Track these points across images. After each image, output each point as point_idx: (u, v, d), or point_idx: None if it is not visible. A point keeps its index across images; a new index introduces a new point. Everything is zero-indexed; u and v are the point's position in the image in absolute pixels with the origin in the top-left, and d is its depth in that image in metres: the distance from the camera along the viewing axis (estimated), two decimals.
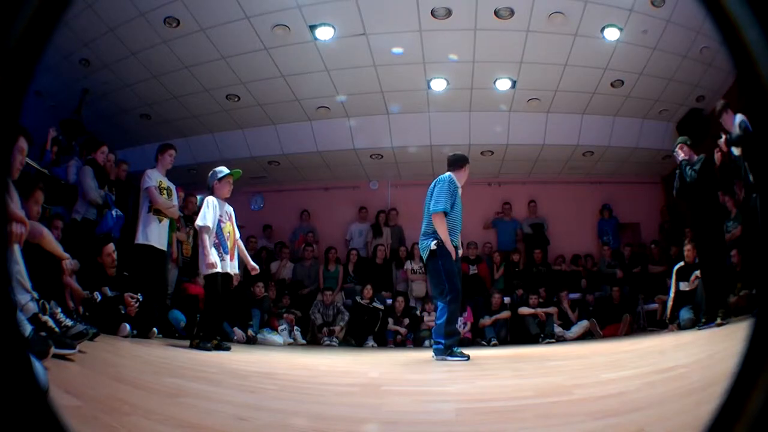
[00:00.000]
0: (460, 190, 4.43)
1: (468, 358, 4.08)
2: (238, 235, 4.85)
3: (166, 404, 1.77)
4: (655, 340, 5.33)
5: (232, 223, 4.73)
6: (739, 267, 5.55)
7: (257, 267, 4.92)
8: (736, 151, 4.94)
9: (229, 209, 4.75)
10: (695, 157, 5.44)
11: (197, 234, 4.78)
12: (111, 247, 5.05)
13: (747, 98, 0.68)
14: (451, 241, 4.26)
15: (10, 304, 0.76)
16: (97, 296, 4.61)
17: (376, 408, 1.90)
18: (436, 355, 4.19)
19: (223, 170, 4.72)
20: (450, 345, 4.13)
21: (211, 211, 4.49)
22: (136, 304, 4.78)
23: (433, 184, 4.45)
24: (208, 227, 4.44)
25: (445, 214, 4.26)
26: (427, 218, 4.40)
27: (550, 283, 7.99)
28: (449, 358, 4.08)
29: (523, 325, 7.27)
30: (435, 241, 4.26)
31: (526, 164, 9.10)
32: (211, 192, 4.67)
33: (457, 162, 4.54)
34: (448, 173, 4.45)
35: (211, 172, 4.77)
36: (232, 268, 4.62)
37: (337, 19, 6.07)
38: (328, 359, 4.75)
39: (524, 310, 7.35)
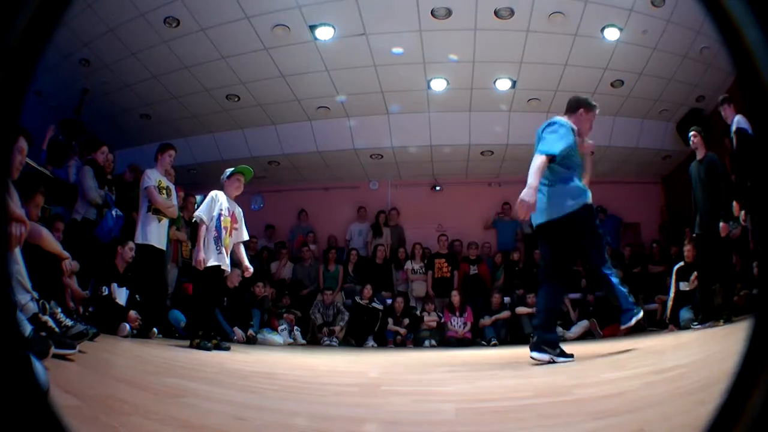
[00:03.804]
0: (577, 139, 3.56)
1: (572, 357, 3.23)
2: (245, 237, 4.83)
3: (166, 404, 1.77)
4: (655, 340, 5.32)
5: (235, 223, 4.69)
6: (739, 267, 5.54)
7: (251, 268, 4.89)
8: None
9: (237, 210, 4.73)
10: (704, 152, 5.37)
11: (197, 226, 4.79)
12: (132, 244, 5.18)
13: (747, 98, 0.68)
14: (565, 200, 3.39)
15: (10, 304, 0.76)
16: (105, 290, 4.67)
17: (376, 408, 1.90)
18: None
19: (233, 168, 4.75)
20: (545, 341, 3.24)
21: (209, 205, 4.50)
22: (139, 322, 4.84)
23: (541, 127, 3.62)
24: (202, 218, 4.46)
25: (552, 160, 3.32)
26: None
27: None
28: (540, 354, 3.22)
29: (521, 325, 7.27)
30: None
31: (526, 164, 9.00)
32: (222, 189, 4.69)
33: (570, 106, 3.78)
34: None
35: (224, 172, 4.80)
36: (226, 265, 4.58)
37: (337, 19, 6.08)
38: (328, 359, 4.75)
39: (521, 310, 7.34)
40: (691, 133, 5.44)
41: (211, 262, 4.43)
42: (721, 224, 5.02)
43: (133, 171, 6.54)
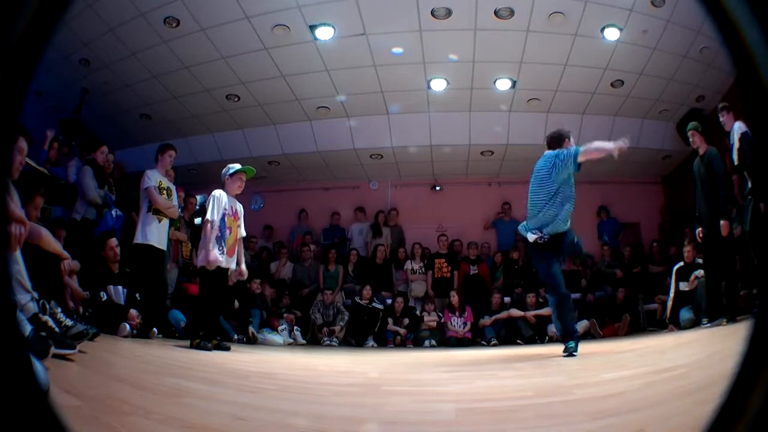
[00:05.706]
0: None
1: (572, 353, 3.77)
2: (243, 234, 4.82)
3: (166, 404, 1.77)
4: (655, 340, 5.32)
5: (237, 221, 4.70)
6: (739, 267, 5.54)
7: (246, 272, 4.83)
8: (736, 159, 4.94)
9: (238, 207, 4.73)
10: (706, 147, 5.36)
11: (201, 226, 4.78)
12: (114, 241, 5.12)
13: (747, 98, 0.67)
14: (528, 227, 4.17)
15: (10, 304, 0.76)
16: (103, 295, 4.64)
17: (376, 408, 1.90)
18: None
19: (236, 166, 4.72)
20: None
21: (215, 205, 4.50)
22: (138, 320, 4.81)
23: (547, 160, 4.35)
24: (214, 222, 4.44)
25: (578, 166, 4.23)
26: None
27: None
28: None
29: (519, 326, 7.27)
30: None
31: (526, 164, 9.02)
32: (223, 186, 4.67)
33: (555, 141, 4.48)
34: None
35: (225, 167, 4.77)
36: (228, 263, 4.58)
37: (337, 19, 6.07)
38: (328, 359, 4.75)
39: (515, 312, 7.33)
40: (689, 132, 5.44)
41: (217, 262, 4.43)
42: (722, 222, 5.02)
43: (118, 168, 6.59)
